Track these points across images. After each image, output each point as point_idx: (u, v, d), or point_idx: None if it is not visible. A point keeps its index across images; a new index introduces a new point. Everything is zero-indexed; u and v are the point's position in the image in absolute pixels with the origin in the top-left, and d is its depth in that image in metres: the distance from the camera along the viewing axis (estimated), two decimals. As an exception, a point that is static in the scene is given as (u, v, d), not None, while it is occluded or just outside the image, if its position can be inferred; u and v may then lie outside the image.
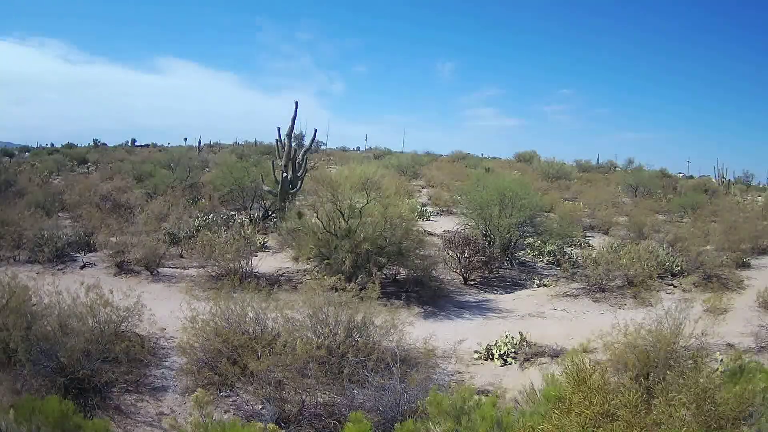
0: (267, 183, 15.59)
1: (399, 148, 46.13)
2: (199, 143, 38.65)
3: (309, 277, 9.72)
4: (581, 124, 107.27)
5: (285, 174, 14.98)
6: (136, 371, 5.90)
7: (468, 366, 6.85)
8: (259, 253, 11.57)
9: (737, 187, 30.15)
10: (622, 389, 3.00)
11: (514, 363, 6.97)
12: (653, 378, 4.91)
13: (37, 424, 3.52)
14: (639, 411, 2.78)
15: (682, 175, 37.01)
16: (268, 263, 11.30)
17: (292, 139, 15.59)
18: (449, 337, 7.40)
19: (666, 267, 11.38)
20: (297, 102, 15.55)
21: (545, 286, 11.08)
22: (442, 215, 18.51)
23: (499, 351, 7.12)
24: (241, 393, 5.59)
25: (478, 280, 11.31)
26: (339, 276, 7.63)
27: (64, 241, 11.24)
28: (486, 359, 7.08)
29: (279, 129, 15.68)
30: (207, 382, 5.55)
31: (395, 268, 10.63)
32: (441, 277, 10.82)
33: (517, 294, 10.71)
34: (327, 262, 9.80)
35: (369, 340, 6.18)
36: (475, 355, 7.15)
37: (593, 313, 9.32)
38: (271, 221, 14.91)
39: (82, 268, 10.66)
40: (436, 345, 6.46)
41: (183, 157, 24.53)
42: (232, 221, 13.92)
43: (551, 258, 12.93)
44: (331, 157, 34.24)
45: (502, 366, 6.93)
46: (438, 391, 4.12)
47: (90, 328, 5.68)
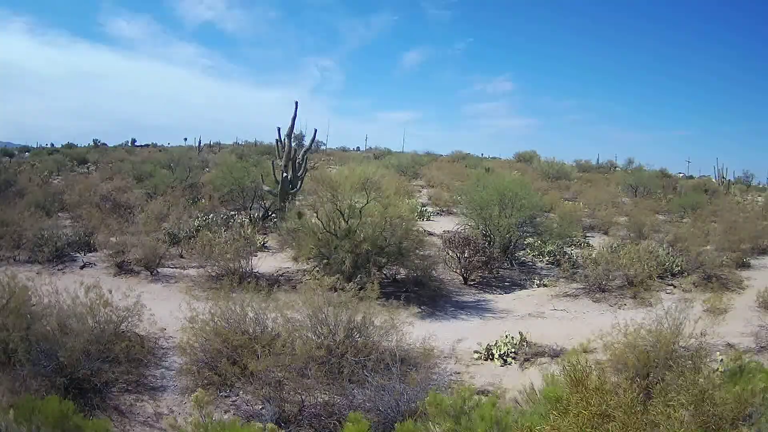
0: (267, 183, 15.59)
1: (399, 148, 46.17)
2: (199, 143, 38.66)
3: (309, 277, 9.71)
4: (582, 123, 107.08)
5: (285, 174, 14.98)
6: (135, 371, 5.89)
7: (468, 366, 6.85)
8: (259, 253, 11.57)
9: (737, 187, 30.12)
10: (619, 390, 3.00)
11: (514, 363, 6.97)
12: (653, 378, 4.92)
13: (37, 424, 3.52)
14: (636, 412, 2.78)
15: (682, 175, 36.97)
16: (268, 263, 11.31)
17: (292, 139, 15.59)
18: (449, 337, 7.40)
19: (666, 267, 11.38)
20: (297, 102, 15.58)
21: (545, 286, 11.08)
22: (442, 215, 18.50)
23: (499, 351, 7.12)
24: (241, 393, 5.59)
25: (477, 280, 11.30)
26: (339, 276, 7.64)
27: (64, 241, 11.24)
28: (486, 359, 7.08)
29: (279, 129, 15.69)
30: (207, 382, 5.55)
31: (395, 268, 10.63)
32: (441, 277, 10.82)
33: (517, 294, 10.71)
34: (327, 262, 9.81)
35: (369, 340, 6.18)
36: (475, 355, 7.15)
37: (593, 313, 9.32)
38: (271, 221, 14.92)
39: (81, 268, 10.67)
40: (435, 345, 6.46)
41: (183, 157, 24.54)
42: (232, 221, 13.92)
43: (551, 258, 12.93)
44: (331, 157, 34.22)
45: (502, 366, 6.92)
46: (438, 391, 4.12)
47: (90, 328, 5.68)
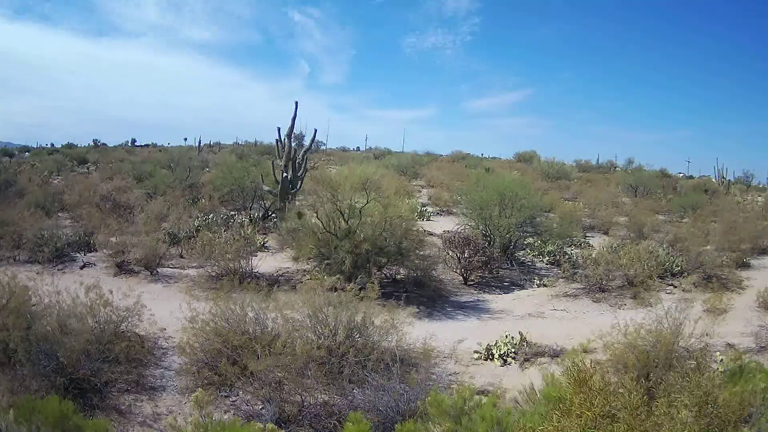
0: (267, 183, 15.59)
1: (399, 148, 46.19)
2: (199, 143, 38.67)
3: (309, 277, 9.71)
4: (585, 123, 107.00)
5: (285, 174, 14.97)
6: (135, 371, 5.89)
7: (468, 366, 6.84)
8: (259, 253, 11.57)
9: (737, 187, 30.12)
10: (622, 390, 3.00)
11: (514, 363, 6.96)
12: (654, 378, 4.91)
13: (37, 424, 3.52)
14: (640, 413, 2.78)
15: (682, 175, 36.98)
16: (268, 263, 11.30)
17: (292, 139, 15.59)
18: (449, 337, 7.39)
19: (666, 267, 11.38)
20: (297, 102, 15.57)
21: (545, 286, 11.08)
22: (442, 215, 18.50)
23: (499, 351, 7.11)
24: (241, 393, 5.59)
25: (477, 280, 11.30)
26: (339, 276, 7.63)
27: (63, 241, 11.24)
28: (486, 359, 7.08)
29: (279, 129, 15.69)
30: (207, 382, 5.55)
31: (395, 268, 10.63)
32: (441, 277, 10.82)
33: (517, 294, 10.71)
34: (327, 262, 9.80)
35: (369, 340, 6.17)
36: (475, 355, 7.15)
37: (593, 313, 9.32)
38: (271, 221, 14.92)
39: (81, 268, 10.66)
40: (435, 345, 6.46)
41: (183, 157, 24.56)
42: (232, 221, 13.91)
43: (551, 258, 12.93)
44: (331, 157, 34.23)
45: (502, 366, 6.92)
46: (438, 392, 4.12)
47: (90, 328, 5.68)
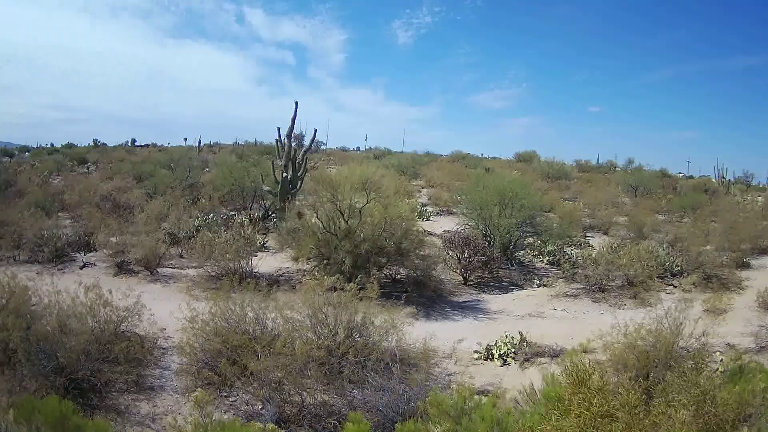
0: (267, 183, 15.58)
1: (399, 148, 46.21)
2: (199, 143, 38.68)
3: (309, 277, 9.71)
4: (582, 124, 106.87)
5: (285, 174, 14.97)
6: (135, 371, 5.89)
7: (468, 366, 6.84)
8: (259, 253, 11.56)
9: (737, 187, 30.12)
10: (621, 390, 3.00)
11: (514, 363, 6.96)
12: (653, 378, 4.91)
13: (37, 424, 3.52)
14: (638, 412, 2.78)
15: (682, 175, 36.96)
16: (267, 263, 11.30)
17: (292, 139, 15.59)
18: (449, 337, 7.39)
19: (666, 267, 11.39)
20: (297, 102, 15.57)
21: (545, 286, 11.08)
22: (442, 215, 18.50)
23: (499, 351, 7.11)
24: (241, 393, 5.59)
25: (477, 280, 11.30)
26: (338, 276, 7.63)
27: (63, 241, 11.24)
28: (486, 359, 7.08)
29: (279, 129, 15.69)
30: (207, 382, 5.55)
31: (395, 268, 10.63)
32: (441, 278, 10.81)
33: (517, 294, 10.71)
34: (327, 262, 9.80)
35: (368, 340, 6.17)
36: (475, 355, 7.15)
37: (593, 313, 9.32)
38: (271, 221, 14.91)
39: (81, 268, 10.66)
40: (435, 345, 6.46)
41: (183, 157, 24.55)
42: (232, 221, 13.91)
43: (551, 258, 12.93)
44: (331, 157, 34.22)
45: (502, 366, 6.92)
46: (438, 392, 4.12)
47: (89, 328, 5.68)
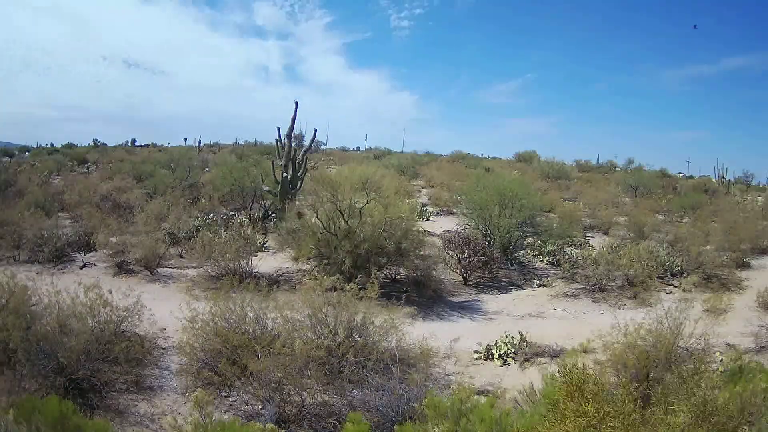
0: (267, 183, 15.58)
1: (399, 148, 46.23)
2: (199, 143, 38.70)
3: (308, 277, 9.71)
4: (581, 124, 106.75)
5: (285, 174, 14.97)
6: (135, 371, 5.89)
7: (468, 366, 6.84)
8: (259, 253, 11.56)
9: (737, 187, 30.13)
10: (617, 394, 2.99)
11: (513, 363, 6.96)
12: (652, 379, 4.91)
13: (37, 424, 3.52)
14: (633, 420, 2.77)
15: (682, 175, 36.96)
16: (267, 263, 11.30)
17: (292, 139, 15.59)
18: (449, 337, 7.39)
19: (666, 267, 11.38)
20: (297, 102, 15.58)
21: (545, 286, 11.08)
22: (442, 215, 18.50)
23: (499, 351, 7.12)
24: (241, 393, 5.59)
25: (477, 280, 11.30)
26: (338, 276, 7.63)
27: (63, 241, 11.24)
28: (486, 359, 7.08)
29: (279, 129, 15.69)
30: (207, 382, 5.54)
31: (395, 268, 10.63)
32: (441, 278, 10.80)
33: (517, 294, 10.71)
34: (327, 262, 9.80)
35: (368, 340, 6.18)
36: (475, 355, 7.15)
37: (593, 313, 9.32)
38: (271, 221, 14.91)
39: (81, 268, 10.66)
40: (435, 345, 6.46)
41: (183, 157, 24.52)
42: (231, 221, 13.91)
43: (551, 258, 12.93)
44: (331, 157, 34.22)
45: (501, 366, 6.92)
46: (437, 392, 4.12)
47: (89, 328, 5.68)
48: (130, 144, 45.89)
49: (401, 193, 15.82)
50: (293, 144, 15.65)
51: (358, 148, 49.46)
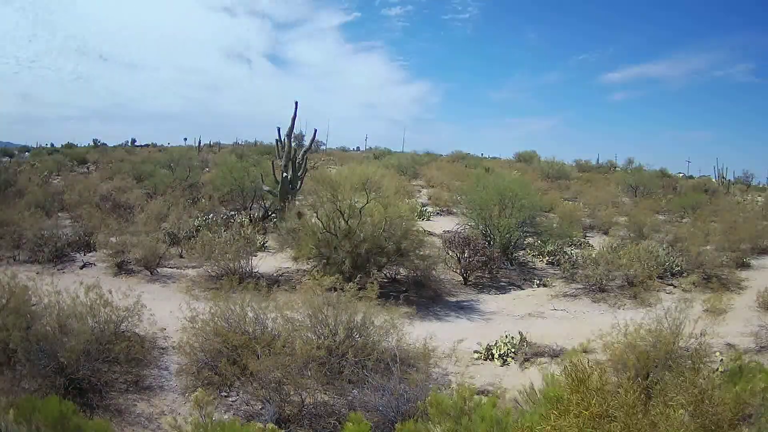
0: (267, 183, 15.59)
1: (399, 148, 46.25)
2: (199, 143, 38.72)
3: (308, 278, 9.71)
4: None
5: (285, 174, 14.97)
6: (135, 371, 5.90)
7: (468, 366, 6.84)
8: (259, 253, 11.56)
9: (737, 187, 30.15)
10: (620, 389, 3.00)
11: (514, 363, 6.97)
12: (652, 378, 4.91)
13: (37, 424, 3.52)
14: (636, 412, 2.78)
15: (682, 175, 36.97)
16: (267, 263, 11.30)
17: (292, 139, 15.59)
18: (449, 337, 7.38)
19: (666, 267, 11.38)
20: (297, 102, 15.58)
21: (545, 286, 11.08)
22: (442, 215, 18.50)
23: (499, 351, 7.12)
24: (241, 393, 5.59)
25: (477, 280, 11.30)
26: (338, 276, 7.63)
27: (63, 241, 11.24)
28: (486, 359, 7.09)
29: (279, 129, 15.70)
30: (207, 382, 5.55)
31: (395, 268, 10.63)
32: (441, 278, 10.81)
33: (517, 294, 10.71)
34: (327, 262, 9.80)
35: (368, 340, 6.18)
36: (475, 355, 7.15)
37: (593, 313, 9.32)
38: (271, 221, 14.91)
39: (81, 268, 10.66)
40: (435, 345, 6.45)
41: (183, 157, 24.56)
42: (232, 221, 13.91)
43: (551, 258, 12.93)
44: (331, 157, 34.22)
45: (502, 366, 6.93)
46: (438, 392, 4.12)
47: (90, 328, 5.68)
48: (130, 144, 45.94)
49: (401, 193, 15.82)
50: (293, 144, 15.66)
51: (358, 148, 49.55)
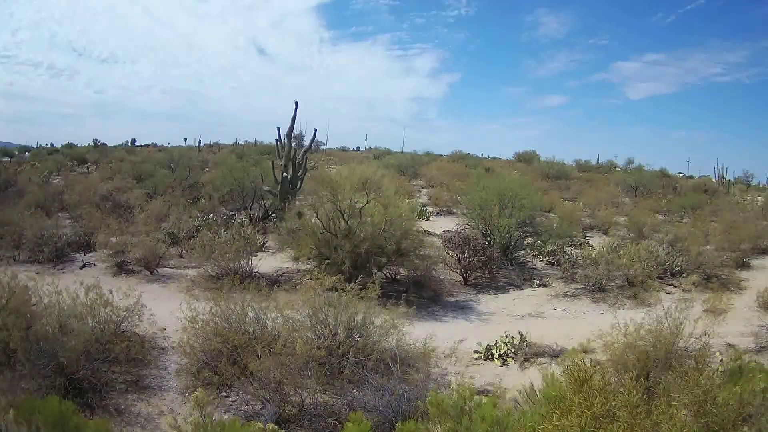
0: (267, 183, 15.59)
1: (399, 147, 46.25)
2: (199, 143, 38.72)
3: (309, 277, 9.70)
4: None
5: (285, 174, 14.98)
6: (135, 371, 5.90)
7: (468, 366, 6.84)
8: (259, 253, 11.55)
9: (737, 187, 30.16)
10: (622, 390, 3.00)
11: (514, 363, 6.97)
12: (653, 378, 4.91)
13: (37, 424, 3.52)
14: (639, 412, 2.78)
15: (682, 175, 36.98)
16: (268, 263, 11.29)
17: (292, 139, 15.59)
18: (449, 337, 7.39)
19: (666, 267, 11.39)
20: (297, 102, 15.58)
21: (545, 286, 11.08)
22: (442, 215, 18.50)
23: (499, 351, 7.12)
24: (241, 393, 5.59)
25: (477, 280, 11.30)
26: (339, 276, 7.62)
27: (63, 241, 11.24)
28: (486, 359, 7.08)
29: (279, 129, 15.70)
30: (207, 382, 5.54)
31: (395, 268, 10.63)
32: (441, 278, 10.81)
33: (517, 294, 10.71)
34: (327, 262, 9.79)
35: (369, 340, 6.18)
36: (475, 355, 7.15)
37: (593, 313, 9.32)
38: (271, 221, 14.91)
39: (81, 268, 10.66)
40: (435, 345, 6.46)
41: (183, 157, 24.55)
42: (232, 221, 13.91)
43: (551, 258, 12.92)
44: (331, 157, 34.21)
45: (502, 366, 6.92)
46: (438, 392, 4.12)
47: (90, 328, 5.68)
48: (130, 144, 45.93)
49: (401, 193, 15.81)
50: (293, 144, 15.66)
51: (358, 148, 49.55)
